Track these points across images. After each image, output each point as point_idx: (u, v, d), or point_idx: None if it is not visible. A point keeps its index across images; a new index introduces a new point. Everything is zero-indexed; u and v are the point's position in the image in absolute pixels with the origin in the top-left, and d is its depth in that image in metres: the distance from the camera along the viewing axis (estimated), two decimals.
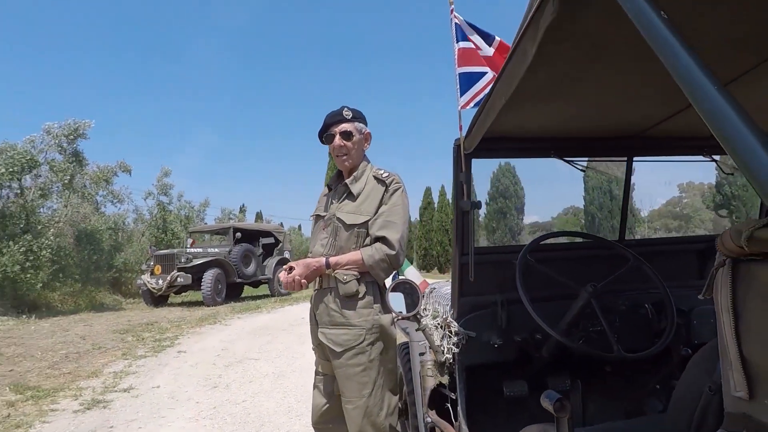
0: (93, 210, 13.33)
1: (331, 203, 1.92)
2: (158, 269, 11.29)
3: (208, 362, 5.39)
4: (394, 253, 1.74)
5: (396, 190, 1.84)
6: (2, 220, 9.57)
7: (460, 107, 1.80)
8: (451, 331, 1.71)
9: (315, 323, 1.87)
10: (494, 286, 1.77)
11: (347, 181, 1.89)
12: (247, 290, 14.00)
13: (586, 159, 1.84)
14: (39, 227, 10.19)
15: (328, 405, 1.87)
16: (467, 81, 1.82)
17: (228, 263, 12.13)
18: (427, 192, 37.37)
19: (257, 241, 14.23)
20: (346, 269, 1.76)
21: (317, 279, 1.84)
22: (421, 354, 2.06)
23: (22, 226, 9.84)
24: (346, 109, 1.89)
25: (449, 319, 1.74)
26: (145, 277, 11.24)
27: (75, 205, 12.12)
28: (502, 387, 1.76)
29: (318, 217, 1.98)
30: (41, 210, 10.94)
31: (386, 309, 1.79)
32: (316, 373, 1.95)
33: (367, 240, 1.81)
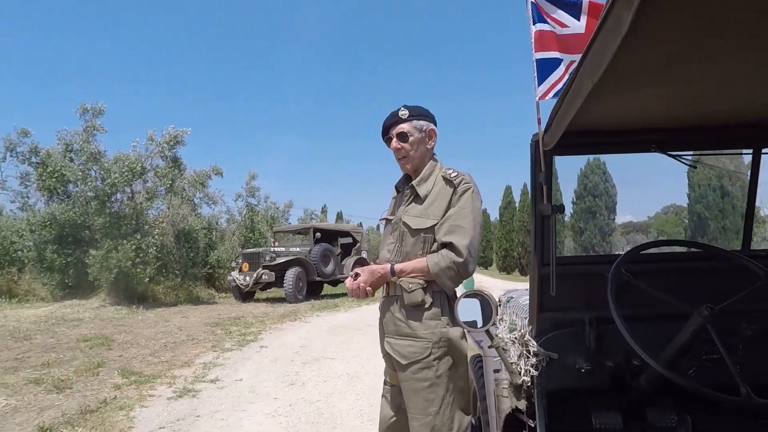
0: (190, 211, 14.61)
1: (399, 206, 1.82)
2: (246, 267, 12.06)
3: (287, 359, 5.59)
4: (461, 260, 1.59)
5: (465, 191, 1.67)
6: (117, 221, 10.84)
7: (537, 98, 1.56)
8: (529, 351, 1.52)
9: (382, 331, 1.79)
10: (580, 301, 1.54)
11: (414, 182, 1.77)
12: (327, 289, 14.45)
13: (699, 153, 1.53)
14: (146, 227, 11.39)
15: (395, 418, 1.80)
16: (545, 68, 1.58)
17: (308, 262, 12.62)
18: (507, 191, 35.95)
19: (336, 240, 14.65)
20: (411, 277, 1.65)
21: (384, 285, 1.75)
22: (496, 371, 1.87)
23: (132, 226, 11.07)
24: (402, 108, 1.76)
25: (527, 336, 1.54)
26: (235, 274, 12.09)
27: (175, 207, 13.38)
28: (591, 417, 1.52)
29: (387, 221, 1.88)
30: (148, 212, 12.23)
31: (455, 321, 1.65)
32: (385, 382, 1.88)
33: (435, 246, 1.68)
